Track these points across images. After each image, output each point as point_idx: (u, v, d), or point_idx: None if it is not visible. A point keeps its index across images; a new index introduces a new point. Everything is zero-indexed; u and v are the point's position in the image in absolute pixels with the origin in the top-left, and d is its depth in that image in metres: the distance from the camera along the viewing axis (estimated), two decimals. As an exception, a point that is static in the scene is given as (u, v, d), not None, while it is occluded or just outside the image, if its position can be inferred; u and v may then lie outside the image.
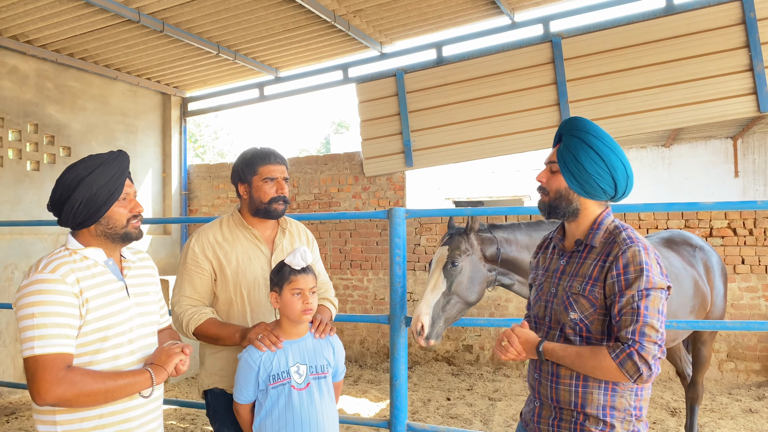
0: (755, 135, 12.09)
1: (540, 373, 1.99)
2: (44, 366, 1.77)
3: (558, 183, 1.98)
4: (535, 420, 2.02)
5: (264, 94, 8.73)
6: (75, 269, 1.92)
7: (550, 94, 7.14)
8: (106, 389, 1.85)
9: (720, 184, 12.11)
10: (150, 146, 8.77)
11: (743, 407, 5.80)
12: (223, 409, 2.59)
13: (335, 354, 2.42)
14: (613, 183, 1.94)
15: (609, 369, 1.79)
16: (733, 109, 6.44)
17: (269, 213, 2.70)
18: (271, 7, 6.33)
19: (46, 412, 1.89)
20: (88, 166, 1.98)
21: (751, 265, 6.49)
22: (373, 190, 8.15)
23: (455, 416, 5.81)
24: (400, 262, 3.48)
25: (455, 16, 7.05)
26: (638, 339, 1.76)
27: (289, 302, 2.28)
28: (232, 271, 2.63)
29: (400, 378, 3.46)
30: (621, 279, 1.82)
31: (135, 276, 2.15)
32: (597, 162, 1.91)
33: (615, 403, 1.87)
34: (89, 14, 6.10)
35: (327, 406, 2.33)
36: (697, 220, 6.64)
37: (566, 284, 1.96)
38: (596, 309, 1.88)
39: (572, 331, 1.93)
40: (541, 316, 2.06)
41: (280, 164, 2.74)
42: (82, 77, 7.67)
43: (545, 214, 2.05)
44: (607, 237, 1.94)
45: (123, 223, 2.03)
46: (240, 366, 2.31)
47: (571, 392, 1.90)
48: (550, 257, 2.12)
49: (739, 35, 6.36)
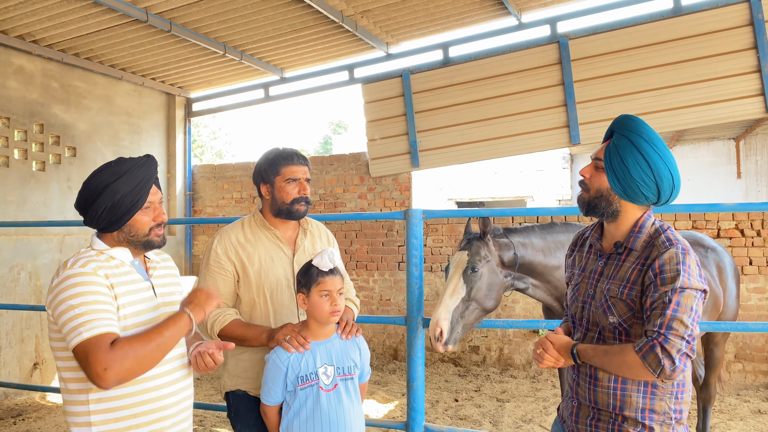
0: (758, 136, 12.12)
1: (578, 375, 1.98)
2: (94, 348, 1.75)
3: (600, 182, 1.94)
4: (573, 419, 2.01)
5: (269, 95, 8.71)
6: (103, 267, 1.93)
7: (558, 94, 7.13)
8: (156, 346, 1.85)
9: (723, 185, 12.14)
10: (154, 146, 8.74)
11: (752, 408, 5.80)
12: (245, 411, 2.58)
13: (361, 355, 2.42)
14: (657, 190, 1.89)
15: (633, 364, 1.76)
16: (741, 110, 6.44)
17: (291, 214, 2.69)
18: (280, 8, 6.32)
19: (80, 413, 1.88)
20: (113, 172, 1.98)
21: (759, 266, 6.49)
22: (378, 190, 8.14)
23: (464, 417, 5.80)
24: (417, 263, 3.47)
25: (462, 16, 7.05)
26: (663, 332, 1.73)
27: (317, 304, 2.27)
28: (255, 272, 2.62)
29: (418, 380, 3.45)
30: (657, 278, 1.80)
31: (160, 276, 2.16)
32: (643, 168, 1.86)
33: (654, 406, 1.84)
34: (97, 14, 6.08)
35: (354, 408, 2.33)
36: (704, 221, 6.64)
37: (605, 287, 1.93)
38: (634, 313, 1.86)
39: (611, 334, 1.91)
40: (578, 317, 2.04)
41: (302, 165, 2.74)
42: (88, 77, 7.64)
43: (583, 211, 2.02)
44: (648, 240, 1.90)
45: (145, 232, 2.03)
46: (268, 367, 2.29)
47: (610, 394, 1.88)
48: (587, 257, 2.08)
49: (747, 36, 6.37)
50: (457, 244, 7.60)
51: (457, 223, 7.58)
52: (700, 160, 12.42)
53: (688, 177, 12.61)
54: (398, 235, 7.92)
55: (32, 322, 6.77)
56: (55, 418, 5.90)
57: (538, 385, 6.86)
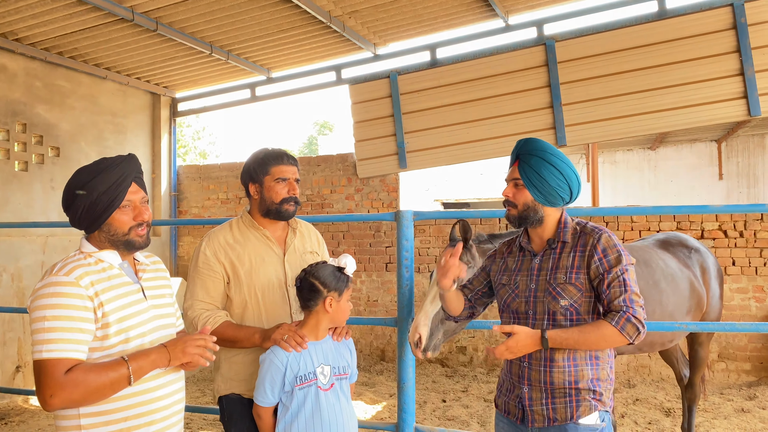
0: (739, 138, 12.30)
1: (530, 361, 2.21)
2: (47, 370, 1.75)
3: (524, 197, 2.24)
4: (526, 404, 2.21)
5: (256, 95, 8.68)
6: (90, 272, 1.91)
7: (544, 96, 7.19)
8: (110, 382, 1.81)
9: (705, 186, 12.30)
10: (139, 147, 8.66)
11: (735, 407, 5.88)
12: (239, 415, 2.55)
13: (352, 356, 2.43)
14: (570, 191, 2.24)
15: (612, 336, 2.08)
16: (724, 112, 6.54)
17: (280, 214, 2.68)
18: (268, 7, 6.29)
19: (69, 417, 1.86)
20: (90, 171, 1.96)
21: (742, 266, 6.58)
22: (366, 191, 8.13)
23: (452, 418, 5.81)
24: (408, 265, 3.47)
25: (450, 18, 7.07)
26: (630, 305, 2.08)
27: (345, 309, 2.36)
28: (246, 272, 2.60)
29: (408, 381, 3.45)
30: (604, 261, 2.14)
31: (149, 279, 2.13)
32: (557, 176, 2.20)
33: (600, 375, 2.18)
34: (82, 12, 6.01)
35: (349, 407, 2.35)
36: (689, 222, 6.73)
37: (548, 277, 2.22)
38: (583, 293, 2.17)
39: (563, 317, 2.18)
40: (522, 311, 2.27)
41: (292, 165, 2.73)
42: (72, 76, 7.55)
43: (516, 225, 2.30)
44: (575, 231, 2.25)
45: (124, 231, 1.99)
46: (265, 367, 2.28)
47: (565, 372, 2.16)
48: (520, 259, 2.36)
49: (730, 40, 6.46)
50: (445, 245, 7.62)
51: (444, 224, 7.60)
52: (683, 162, 12.57)
53: (671, 179, 12.78)
54: (386, 236, 7.92)
55: (15, 325, 6.67)
56: (38, 422, 5.82)
57: (524, 385, 6.89)
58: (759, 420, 5.51)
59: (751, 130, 11.55)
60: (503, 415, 2.33)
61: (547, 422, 2.16)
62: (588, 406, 2.14)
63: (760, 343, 6.54)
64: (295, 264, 2.71)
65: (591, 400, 2.15)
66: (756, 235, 6.54)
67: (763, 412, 5.70)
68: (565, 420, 2.14)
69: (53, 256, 7.09)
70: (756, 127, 11.22)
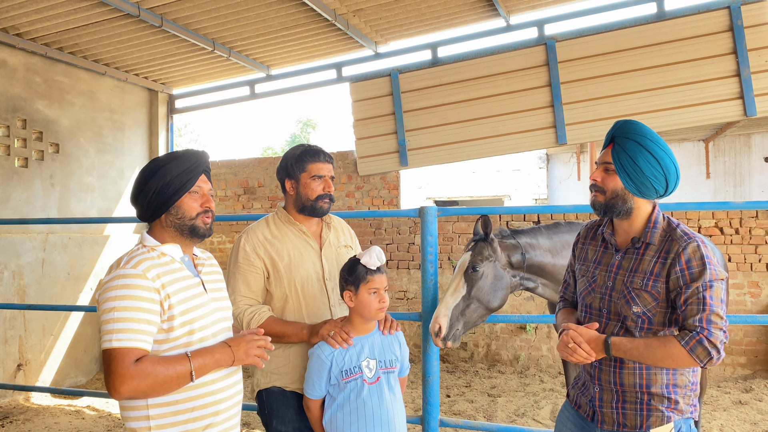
0: (726, 138, 12.54)
1: (601, 361, 2.10)
2: (117, 359, 1.78)
3: (614, 183, 2.08)
4: (597, 404, 2.12)
5: (255, 92, 8.66)
6: (156, 265, 1.95)
7: (545, 95, 7.28)
8: (177, 376, 1.86)
9: (693, 185, 12.52)
10: (137, 143, 8.60)
11: (733, 399, 6.03)
12: (280, 407, 2.59)
13: (401, 349, 2.46)
14: (665, 183, 2.06)
15: (679, 356, 1.91)
16: (721, 112, 6.69)
17: (315, 210, 2.73)
18: (273, 5, 6.30)
19: (138, 407, 1.90)
20: (168, 156, 2.05)
21: (737, 263, 6.75)
22: (366, 189, 8.17)
23: (458, 413, 5.89)
24: (432, 260, 3.53)
25: (452, 17, 7.13)
26: (706, 326, 1.88)
27: (366, 301, 2.32)
28: (285, 266, 2.65)
29: (433, 374, 3.51)
30: (685, 273, 1.95)
31: (208, 273, 2.18)
32: (653, 164, 2.02)
33: (677, 381, 2.03)
34: (87, 7, 5.96)
35: (396, 400, 2.38)
36: (686, 219, 6.87)
37: (625, 279, 2.06)
38: (659, 303, 2.01)
39: (634, 323, 2.04)
40: (596, 307, 2.16)
41: (328, 162, 2.78)
42: (71, 72, 7.48)
43: (600, 213, 2.14)
44: (663, 234, 2.06)
45: (192, 215, 2.04)
46: (312, 362, 2.33)
47: (636, 374, 2.03)
48: (601, 250, 2.22)
49: (727, 42, 6.61)
50: (446, 241, 7.70)
51: (445, 221, 7.67)
52: (671, 161, 12.79)
53: (659, 177, 12.99)
54: (386, 233, 7.97)
55: (16, 323, 6.61)
56: (44, 420, 5.78)
57: (526, 380, 7.00)
58: (757, 412, 5.66)
59: (738, 130, 11.79)
60: (573, 407, 2.27)
61: (617, 426, 2.08)
62: (660, 416, 2.01)
63: (755, 337, 6.71)
64: (331, 258, 2.76)
65: (664, 409, 2.02)
66: (751, 232, 6.70)
67: (760, 404, 5.86)
68: (634, 427, 2.04)
69: (53, 253, 7.04)
70: (743, 127, 11.45)
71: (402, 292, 7.87)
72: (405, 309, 7.83)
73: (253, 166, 8.88)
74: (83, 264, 7.42)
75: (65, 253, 7.19)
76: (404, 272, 7.86)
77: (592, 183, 2.16)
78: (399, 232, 7.92)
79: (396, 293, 7.86)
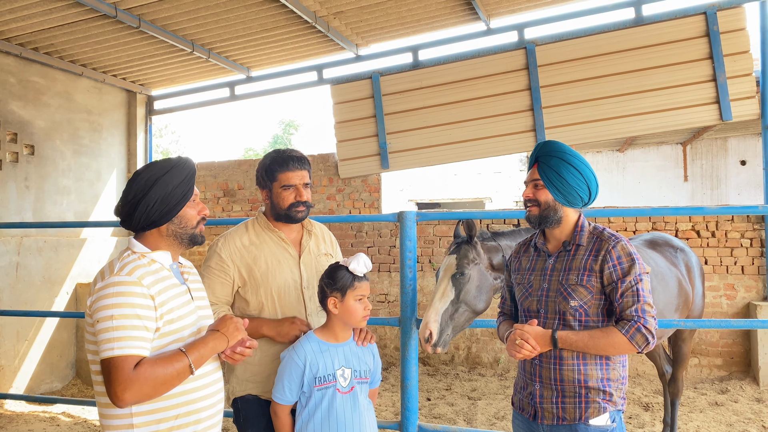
0: (703, 141, 12.72)
1: (541, 359, 2.28)
2: (117, 367, 1.77)
3: (545, 196, 2.32)
4: (537, 401, 2.28)
5: (235, 94, 8.60)
6: (148, 273, 1.94)
7: (524, 99, 7.32)
8: (176, 372, 1.85)
9: (671, 188, 12.68)
10: (115, 145, 8.49)
11: (709, 401, 6.10)
12: (255, 415, 2.56)
13: (375, 360, 2.44)
14: (588, 191, 2.32)
15: (621, 344, 2.14)
16: (697, 117, 6.77)
17: (291, 218, 2.71)
18: (253, 6, 6.26)
19: (121, 416, 1.88)
20: (162, 167, 2.01)
21: (714, 265, 6.83)
22: (348, 191, 8.15)
23: (438, 416, 5.88)
24: (411, 265, 3.52)
25: (433, 20, 7.14)
26: (641, 315, 2.13)
27: (352, 308, 2.31)
28: (262, 274, 2.61)
29: (411, 380, 3.50)
30: (617, 268, 2.20)
31: (193, 281, 2.18)
32: (577, 176, 2.28)
33: (610, 375, 2.23)
34: (63, 7, 5.88)
35: (368, 411, 2.36)
36: (663, 222, 6.95)
37: (561, 278, 2.29)
38: (593, 296, 2.23)
39: (572, 317, 2.25)
40: (534, 309, 2.35)
41: (299, 170, 2.71)
42: (46, 72, 7.36)
43: (535, 225, 2.38)
44: (590, 236, 2.32)
45: (194, 224, 2.06)
46: (284, 365, 2.29)
47: (575, 370, 2.22)
48: (534, 259, 2.43)
49: (704, 47, 6.70)
50: (426, 244, 7.71)
51: (426, 224, 7.67)
52: (650, 164, 12.94)
53: (638, 180, 13.14)
54: (367, 236, 7.95)
55: (-11, 328, 6.48)
56: (17, 427, 5.67)
57: (506, 383, 7.02)
58: (732, 413, 5.73)
59: (715, 134, 11.97)
60: (518, 412, 2.41)
61: (556, 420, 2.23)
62: (597, 408, 2.20)
63: (730, 339, 6.80)
64: (310, 266, 2.73)
65: (600, 401, 2.20)
66: (727, 235, 6.79)
67: (735, 405, 5.93)
68: (574, 420, 2.21)
69: (28, 256, 6.91)
70: (719, 131, 11.63)
71: (383, 296, 7.86)
72: (386, 312, 7.81)
73: (233, 168, 8.81)
74: (59, 268, 7.30)
75: (40, 256, 7.06)
76: (385, 275, 7.84)
77: (526, 199, 2.39)
78: (380, 235, 7.91)
79: (377, 296, 7.84)
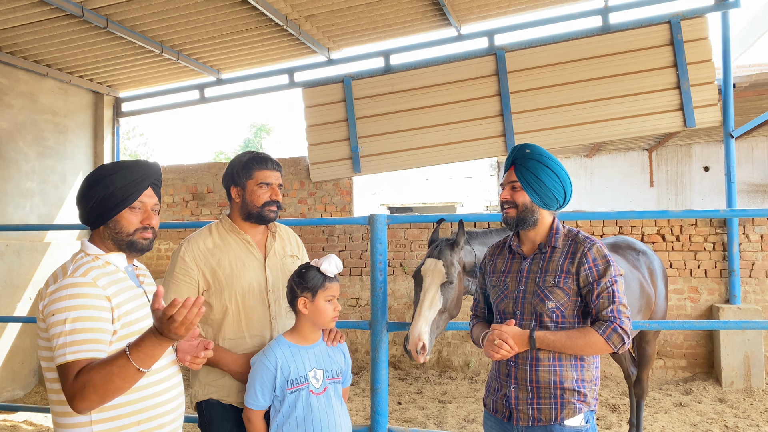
0: (668, 148, 13.01)
1: (517, 360, 2.29)
2: (64, 375, 1.72)
3: (523, 198, 2.33)
4: (513, 403, 2.28)
5: (205, 96, 8.51)
6: (103, 274, 1.89)
7: (494, 105, 7.40)
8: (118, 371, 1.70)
9: (637, 193, 12.94)
10: (81, 147, 8.33)
11: (674, 401, 6.22)
12: (218, 420, 2.53)
13: (345, 360, 2.44)
14: (564, 193, 2.34)
15: (597, 344, 2.17)
16: (662, 123, 6.93)
17: (261, 218, 2.68)
18: (223, 8, 6.21)
19: (81, 424, 1.83)
20: (111, 168, 1.98)
21: (678, 269, 6.98)
22: (319, 195, 8.12)
23: (409, 420, 5.89)
24: (382, 268, 3.52)
25: (404, 25, 7.18)
26: (617, 315, 2.17)
27: (322, 309, 2.30)
28: (227, 277, 2.58)
29: (381, 383, 3.49)
30: (593, 270, 2.22)
31: (148, 284, 2.14)
32: (553, 178, 2.30)
33: (585, 376, 2.26)
34: (26, 6, 5.75)
35: (342, 410, 2.35)
36: (630, 226, 7.08)
37: (537, 280, 2.29)
38: (570, 297, 2.25)
39: (549, 318, 2.26)
40: (510, 311, 2.35)
41: (275, 170, 2.72)
42: (9, 72, 7.19)
43: (512, 226, 2.37)
44: (566, 239, 2.33)
45: (129, 231, 1.99)
46: (255, 370, 2.27)
47: (551, 372, 2.23)
48: (509, 261, 2.43)
49: (668, 55, 6.86)
50: (398, 248, 7.71)
51: (397, 228, 7.69)
52: (617, 170, 13.18)
53: (606, 185, 13.37)
54: (339, 240, 7.94)
55: (-53, 334, 6.28)
56: (-24, 437, 5.51)
57: (476, 386, 7.06)
58: (696, 413, 5.86)
59: (679, 141, 12.25)
60: (491, 414, 2.40)
61: (532, 422, 2.23)
62: (572, 408, 2.21)
63: (694, 341, 6.95)
64: (275, 268, 2.71)
65: (575, 402, 2.22)
66: (691, 239, 6.95)
67: (699, 405, 6.06)
68: (549, 421, 2.21)
69: (-11, 261, 6.73)
70: (684, 138, 11.91)
71: (355, 299, 7.84)
72: (357, 316, 7.80)
73: (203, 172, 8.71)
74: (21, 272, 7.11)
75: (2, 261, 6.88)
76: (357, 279, 7.83)
77: (503, 200, 2.38)
78: (352, 239, 7.89)
79: (348, 300, 7.82)
